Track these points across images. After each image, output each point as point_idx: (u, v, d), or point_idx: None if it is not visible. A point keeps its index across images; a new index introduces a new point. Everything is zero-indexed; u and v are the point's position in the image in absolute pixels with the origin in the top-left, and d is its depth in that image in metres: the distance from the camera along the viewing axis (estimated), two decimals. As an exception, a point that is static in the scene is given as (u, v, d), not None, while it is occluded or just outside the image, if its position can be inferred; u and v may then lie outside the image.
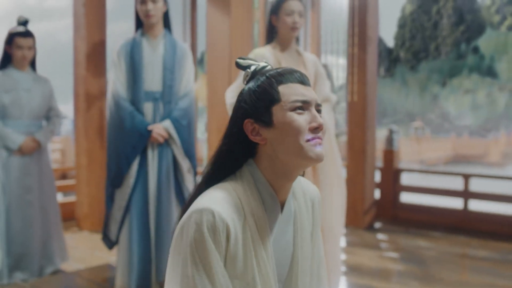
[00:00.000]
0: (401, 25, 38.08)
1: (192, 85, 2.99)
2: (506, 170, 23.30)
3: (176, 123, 2.82)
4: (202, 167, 5.09)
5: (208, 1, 3.52)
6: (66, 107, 3.47)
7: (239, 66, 1.16)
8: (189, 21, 5.56)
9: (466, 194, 5.05)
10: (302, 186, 1.22)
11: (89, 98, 4.63)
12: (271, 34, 2.61)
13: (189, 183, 2.90)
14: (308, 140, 1.04)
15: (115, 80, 2.80)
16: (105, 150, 4.72)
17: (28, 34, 3.24)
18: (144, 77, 2.80)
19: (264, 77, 1.09)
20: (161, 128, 2.78)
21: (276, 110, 1.06)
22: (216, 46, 3.49)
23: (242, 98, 1.10)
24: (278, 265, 1.11)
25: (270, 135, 1.06)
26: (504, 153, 26.37)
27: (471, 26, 33.68)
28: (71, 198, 5.09)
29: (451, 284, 3.33)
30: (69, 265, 3.52)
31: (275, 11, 2.55)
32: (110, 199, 2.81)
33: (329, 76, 6.15)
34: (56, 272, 3.35)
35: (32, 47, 3.28)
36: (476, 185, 5.13)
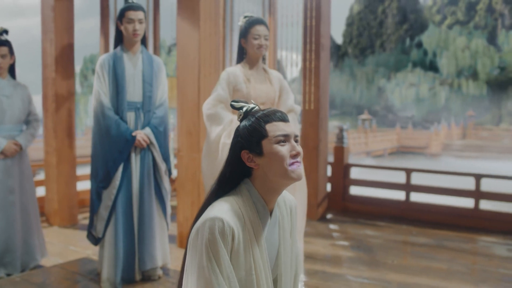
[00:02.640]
0: (349, 24, 39.79)
1: (166, 95, 3.31)
2: (443, 160, 24.59)
3: (155, 129, 3.16)
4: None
5: (178, 14, 3.81)
6: (37, 98, 3.69)
7: (233, 107, 1.52)
8: (152, 22, 5.79)
9: (408, 187, 5.60)
10: (284, 197, 1.60)
11: (58, 99, 4.81)
12: (241, 55, 2.98)
13: (166, 183, 3.26)
14: (290, 164, 1.41)
15: (99, 91, 3.09)
16: (73, 149, 4.97)
17: (2, 44, 3.41)
18: (127, 89, 3.10)
19: (254, 118, 1.45)
20: (143, 134, 3.12)
21: (265, 143, 1.42)
22: (186, 56, 3.80)
23: (238, 134, 1.47)
24: (269, 257, 1.49)
25: (262, 162, 1.43)
26: (445, 144, 27.79)
27: (414, 24, 35.37)
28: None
29: (394, 268, 3.81)
30: (48, 260, 3.75)
31: (244, 34, 2.92)
32: (97, 200, 3.09)
33: (283, 69, 6.48)
34: (37, 267, 3.59)
35: (7, 55, 3.44)
36: (416, 179, 5.68)
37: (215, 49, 3.86)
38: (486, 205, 5.32)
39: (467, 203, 5.33)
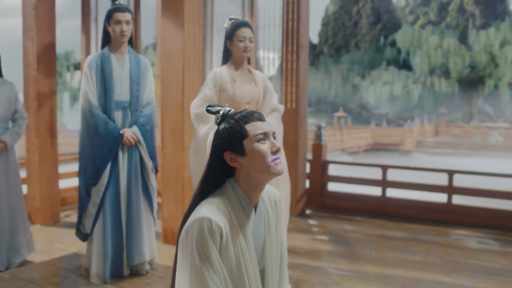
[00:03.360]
0: (325, 24, 40.66)
1: (153, 94, 3.40)
2: (415, 157, 25.08)
3: (142, 128, 3.25)
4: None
5: (162, 15, 3.89)
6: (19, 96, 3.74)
7: (209, 112, 1.60)
8: (133, 22, 5.83)
9: (384, 183, 5.78)
10: (267, 191, 1.70)
11: (40, 97, 4.83)
12: (227, 56, 3.09)
13: (153, 180, 3.36)
14: (271, 160, 1.51)
15: (87, 90, 3.16)
16: (55, 147, 5.00)
17: None
18: (114, 88, 3.18)
19: (233, 120, 1.53)
20: (131, 132, 3.21)
21: (246, 142, 1.51)
22: (170, 57, 3.88)
23: (219, 136, 1.55)
24: (256, 249, 1.59)
25: (244, 161, 1.51)
26: (418, 141, 28.34)
27: (387, 25, 36.18)
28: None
29: (372, 260, 3.97)
30: (34, 257, 3.80)
31: (229, 36, 3.03)
32: (86, 197, 3.17)
33: (261, 68, 6.58)
34: (24, 262, 3.63)
35: None
36: (392, 175, 5.87)
37: (199, 50, 3.95)
38: (458, 199, 5.53)
39: (440, 198, 5.54)
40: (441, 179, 5.66)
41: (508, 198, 5.22)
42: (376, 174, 5.97)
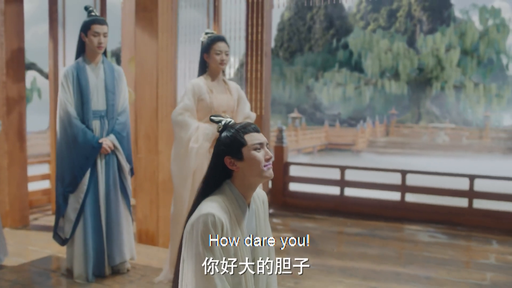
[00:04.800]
0: (280, 29, 41.78)
1: (127, 101, 3.58)
2: (367, 157, 25.88)
3: (118, 135, 3.45)
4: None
5: (136, 25, 4.07)
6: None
7: (213, 121, 1.85)
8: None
9: (342, 183, 6.14)
10: (256, 192, 1.95)
11: (9, 102, 4.87)
12: (203, 68, 3.32)
13: (130, 182, 3.56)
14: (265, 166, 1.77)
15: (65, 101, 3.32)
16: (25, 151, 5.07)
17: None
18: (91, 98, 3.34)
19: (234, 130, 1.78)
20: (109, 141, 3.40)
21: (244, 150, 1.76)
22: (145, 65, 4.07)
23: (221, 143, 1.79)
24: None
25: (242, 165, 1.76)
26: (370, 141, 29.22)
27: (340, 30, 37.42)
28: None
29: (334, 255, 4.28)
30: (10, 260, 3.88)
31: (206, 50, 3.26)
32: (63, 203, 3.33)
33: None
34: (1, 267, 3.71)
35: None
36: (349, 175, 6.23)
37: (172, 58, 4.15)
38: (410, 197, 5.96)
39: (394, 196, 5.94)
40: (395, 179, 6.08)
41: (455, 195, 5.69)
42: (333, 174, 6.31)
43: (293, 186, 6.48)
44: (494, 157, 23.51)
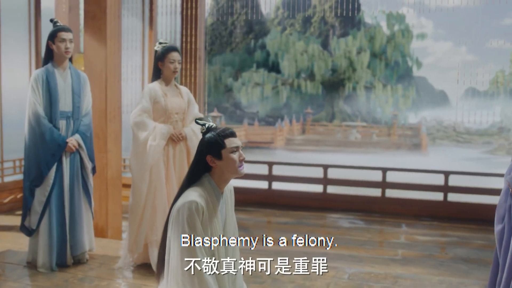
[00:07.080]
0: (204, 34, 42.12)
1: (91, 104, 3.88)
2: (284, 154, 26.88)
3: (83, 135, 3.73)
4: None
5: (85, 32, 4.34)
6: None
7: (198, 123, 2.25)
8: (34, 29, 6.05)
9: (270, 178, 6.70)
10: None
11: None
12: (158, 74, 3.69)
13: (91, 180, 3.84)
14: (239, 166, 2.20)
15: (34, 102, 3.56)
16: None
17: None
18: (59, 100, 3.60)
19: (215, 134, 2.18)
20: (74, 140, 3.68)
21: (223, 151, 2.17)
22: (94, 69, 4.34)
23: (204, 143, 2.19)
24: (221, 222, 2.27)
25: (220, 164, 2.18)
26: (287, 139, 30.31)
27: (259, 34, 38.82)
28: None
29: (268, 241, 4.79)
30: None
31: (161, 58, 3.64)
32: (30, 196, 3.57)
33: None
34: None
35: None
36: (277, 170, 6.80)
37: (119, 63, 4.46)
38: (331, 189, 6.63)
39: (318, 188, 6.59)
40: (317, 173, 6.72)
41: (370, 186, 6.45)
42: (261, 169, 6.82)
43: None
44: (401, 152, 25.39)
